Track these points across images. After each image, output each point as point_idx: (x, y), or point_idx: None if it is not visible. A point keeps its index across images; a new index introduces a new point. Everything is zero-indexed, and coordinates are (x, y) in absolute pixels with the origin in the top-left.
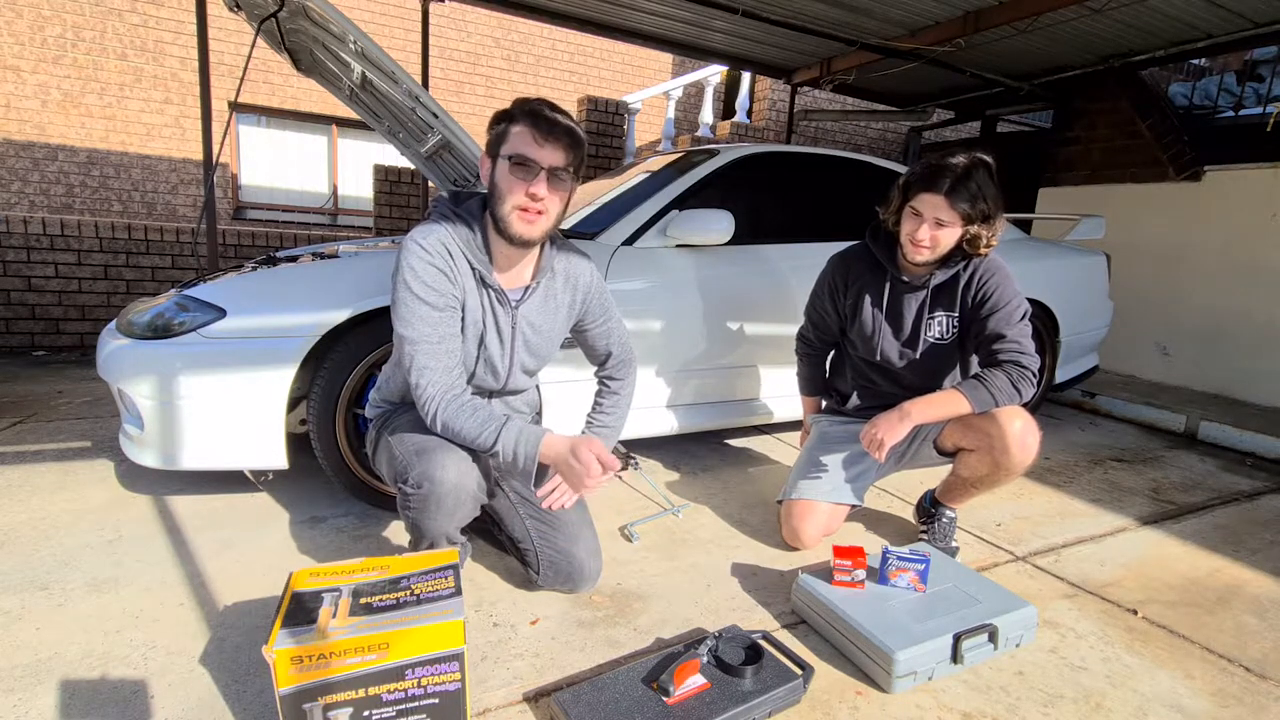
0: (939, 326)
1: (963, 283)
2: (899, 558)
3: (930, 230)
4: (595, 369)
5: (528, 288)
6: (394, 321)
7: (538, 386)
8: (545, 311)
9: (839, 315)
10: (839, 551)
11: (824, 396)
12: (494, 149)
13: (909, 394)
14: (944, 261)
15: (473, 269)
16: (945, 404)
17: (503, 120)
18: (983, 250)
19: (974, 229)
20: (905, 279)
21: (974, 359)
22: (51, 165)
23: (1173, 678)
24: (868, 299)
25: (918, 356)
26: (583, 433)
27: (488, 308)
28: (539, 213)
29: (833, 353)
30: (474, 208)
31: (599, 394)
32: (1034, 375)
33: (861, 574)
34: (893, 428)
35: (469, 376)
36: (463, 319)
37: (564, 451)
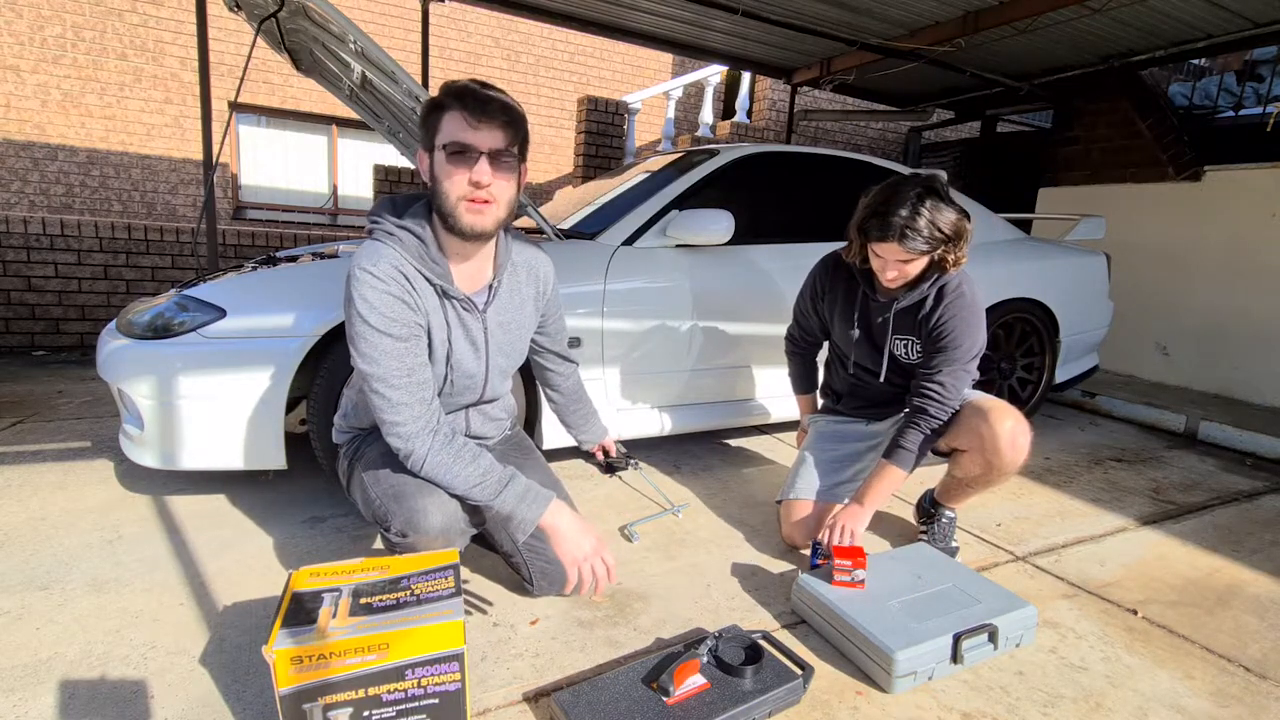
0: (904, 347)
1: (925, 310)
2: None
3: (895, 270)
4: (550, 376)
5: (491, 287)
6: (355, 358)
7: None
8: (512, 306)
9: (819, 318)
10: (839, 551)
11: (817, 394)
12: (428, 141)
13: (898, 391)
14: (915, 282)
15: (432, 285)
16: (889, 482)
17: (433, 109)
18: (950, 268)
19: (939, 253)
20: (876, 296)
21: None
22: (51, 165)
23: (1173, 678)
24: (844, 308)
25: (889, 371)
26: (584, 444)
27: (454, 322)
28: (486, 201)
29: (827, 353)
30: (419, 212)
31: (574, 393)
32: (942, 423)
33: (861, 574)
34: (855, 517)
35: (438, 394)
36: (429, 342)
37: (569, 531)
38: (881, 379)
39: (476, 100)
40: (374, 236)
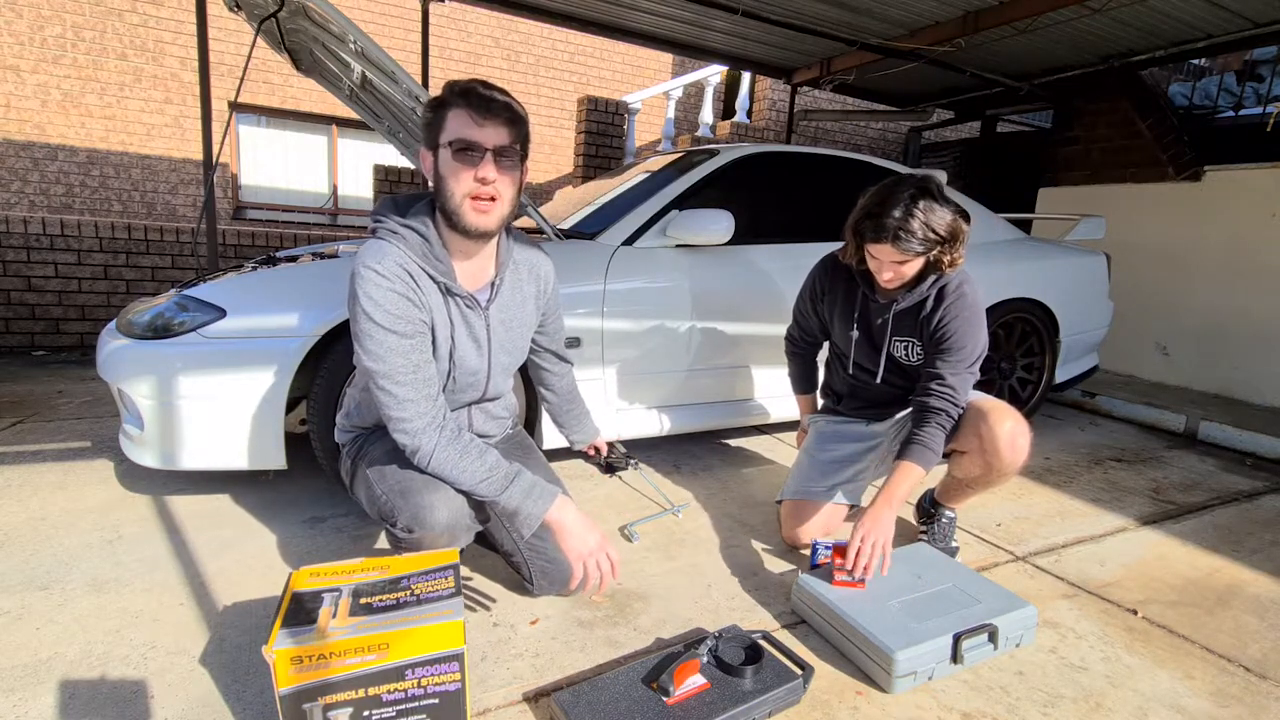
0: (904, 349)
1: (925, 312)
2: (825, 547)
3: (891, 271)
4: (545, 376)
5: (493, 284)
6: (360, 355)
7: (528, 390)
8: (514, 304)
9: (819, 318)
10: (839, 552)
11: (817, 394)
12: (432, 139)
13: (898, 392)
14: (914, 283)
15: (436, 283)
16: (911, 480)
17: (437, 107)
18: (946, 269)
19: (934, 254)
20: (876, 298)
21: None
22: (51, 165)
23: (1173, 678)
24: (843, 309)
25: (887, 372)
26: (575, 444)
27: (457, 319)
28: (491, 199)
29: (827, 353)
30: (422, 211)
31: (568, 394)
32: (954, 423)
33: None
34: (883, 526)
35: (441, 390)
36: (433, 339)
37: (574, 526)
38: (879, 380)
39: (481, 99)
40: (378, 235)
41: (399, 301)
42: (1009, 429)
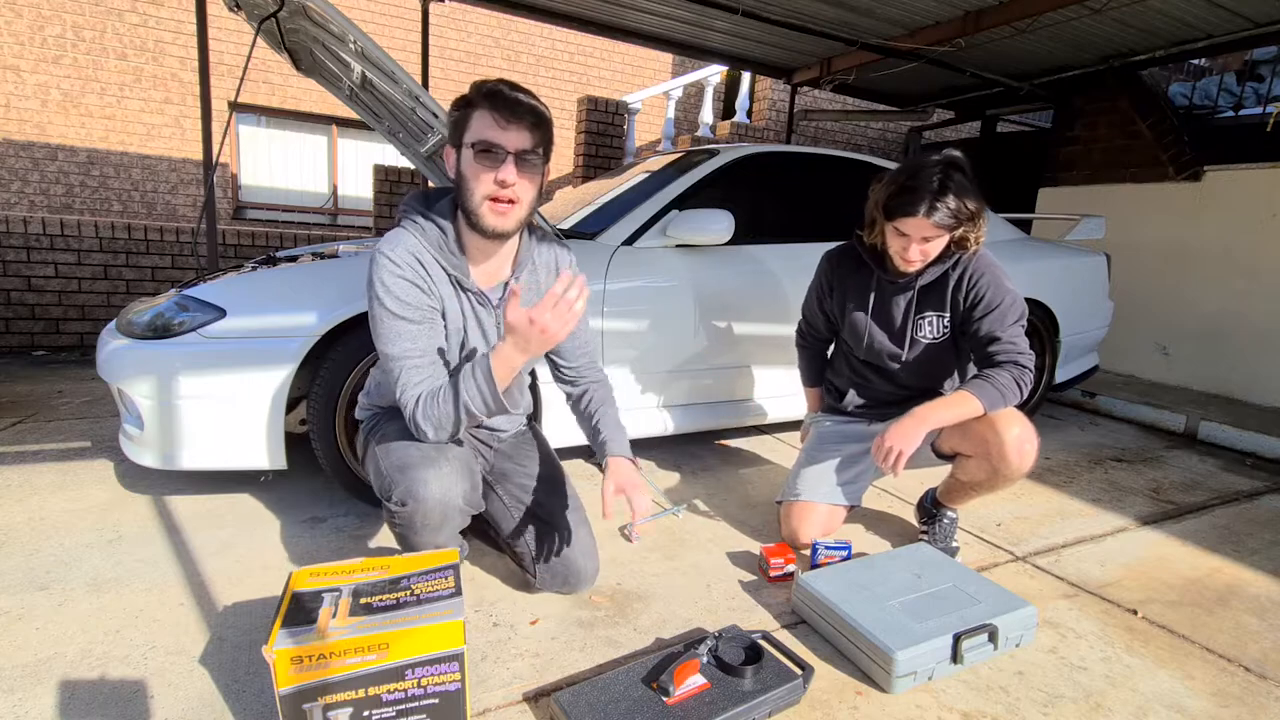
0: (929, 326)
1: (952, 283)
2: (826, 547)
3: (919, 248)
4: (568, 384)
5: (507, 284)
6: (374, 339)
7: (532, 387)
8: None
9: (827, 316)
10: (769, 551)
11: (825, 387)
12: (456, 137)
13: (905, 393)
14: (935, 262)
15: (448, 275)
16: (958, 405)
17: (462, 106)
18: (972, 247)
19: (960, 231)
20: (892, 279)
21: (972, 363)
22: (51, 165)
23: (1173, 678)
24: (856, 299)
25: (910, 357)
26: (601, 458)
27: (469, 313)
28: (510, 201)
29: (831, 348)
30: (445, 208)
31: (595, 400)
32: (1031, 374)
33: (792, 568)
34: (907, 435)
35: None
36: (445, 325)
37: (521, 336)
38: (911, 356)
39: (506, 101)
40: (400, 224)
41: (408, 288)
42: (1016, 435)
